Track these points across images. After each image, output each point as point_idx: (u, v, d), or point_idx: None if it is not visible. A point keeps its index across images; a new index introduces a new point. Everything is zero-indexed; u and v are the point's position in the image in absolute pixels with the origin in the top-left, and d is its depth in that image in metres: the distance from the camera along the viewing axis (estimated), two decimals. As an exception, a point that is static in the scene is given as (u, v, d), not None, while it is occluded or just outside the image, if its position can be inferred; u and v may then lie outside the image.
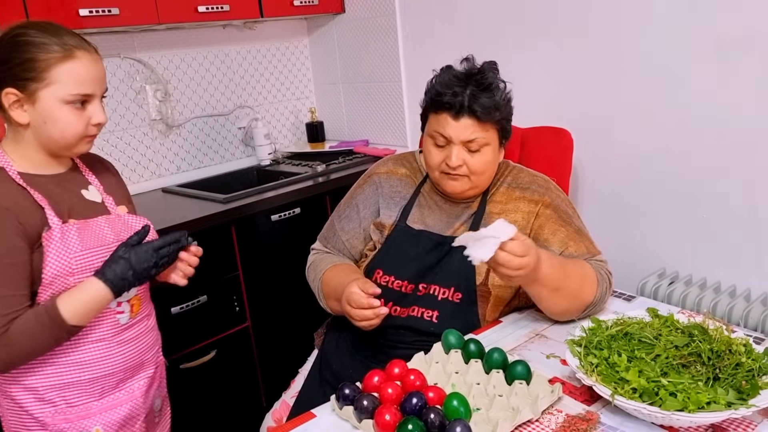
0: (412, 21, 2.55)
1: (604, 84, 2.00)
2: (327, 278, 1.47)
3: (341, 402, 1.10)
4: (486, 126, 1.35)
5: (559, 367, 1.21)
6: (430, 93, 1.39)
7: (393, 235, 1.46)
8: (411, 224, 1.45)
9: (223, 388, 2.23)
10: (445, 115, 1.35)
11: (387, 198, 1.50)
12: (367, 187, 1.55)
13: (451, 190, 1.40)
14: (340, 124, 3.03)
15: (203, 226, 2.08)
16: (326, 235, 1.60)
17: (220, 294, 2.18)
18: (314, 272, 1.53)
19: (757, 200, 1.74)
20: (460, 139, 1.34)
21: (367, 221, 1.52)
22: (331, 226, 1.59)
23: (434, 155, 1.39)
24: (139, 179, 2.55)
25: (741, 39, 1.68)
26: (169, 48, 2.57)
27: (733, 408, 0.95)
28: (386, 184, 1.52)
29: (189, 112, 2.67)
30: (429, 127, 1.40)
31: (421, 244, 1.43)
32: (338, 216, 1.58)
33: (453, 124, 1.34)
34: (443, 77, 1.38)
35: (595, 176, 2.10)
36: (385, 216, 1.49)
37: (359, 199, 1.55)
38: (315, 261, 1.56)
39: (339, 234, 1.55)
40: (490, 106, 1.34)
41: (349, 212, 1.55)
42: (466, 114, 1.33)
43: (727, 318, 1.71)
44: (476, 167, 1.37)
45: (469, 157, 1.36)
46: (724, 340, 1.07)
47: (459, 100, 1.32)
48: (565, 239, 1.40)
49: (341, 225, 1.56)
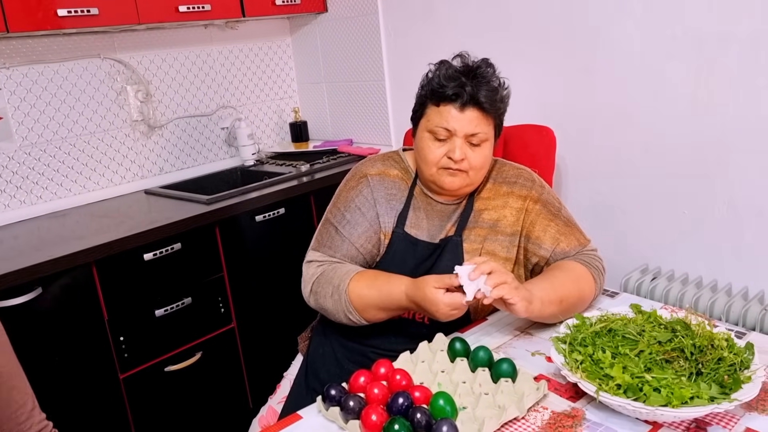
0: (394, 20, 2.55)
1: (586, 82, 2.01)
2: (359, 291, 1.33)
3: (327, 403, 1.10)
4: (488, 120, 1.35)
5: (544, 365, 1.21)
6: (431, 85, 1.36)
7: (393, 243, 1.42)
8: (408, 230, 1.42)
9: (209, 390, 2.22)
10: (450, 107, 1.33)
11: (383, 202, 1.44)
12: (363, 188, 1.46)
13: (449, 186, 1.37)
14: (324, 123, 3.02)
15: (187, 227, 2.06)
16: (329, 244, 1.44)
17: (205, 295, 2.17)
18: (330, 286, 1.36)
19: (736, 196, 1.76)
20: (464, 132, 1.33)
21: (375, 222, 1.43)
22: (333, 234, 1.44)
23: (434, 150, 1.36)
24: (121, 181, 2.52)
25: (717, 37, 1.70)
26: (150, 48, 2.55)
27: (716, 402, 0.96)
28: (380, 186, 1.46)
29: (171, 113, 2.65)
30: (428, 122, 1.37)
31: (419, 254, 1.41)
32: (339, 222, 1.44)
33: (458, 116, 1.33)
34: (445, 70, 1.36)
35: (578, 174, 2.11)
36: (383, 221, 1.44)
37: (358, 201, 1.45)
38: (325, 273, 1.39)
39: (348, 240, 1.42)
40: (495, 99, 1.34)
41: (352, 216, 1.43)
42: (472, 105, 1.32)
43: (708, 313, 1.73)
44: (476, 162, 1.36)
45: (470, 151, 1.35)
46: (707, 335, 1.08)
47: (468, 90, 1.31)
48: (556, 234, 1.40)
49: (348, 231, 1.43)
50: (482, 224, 1.42)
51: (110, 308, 1.94)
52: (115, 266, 1.93)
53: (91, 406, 1.93)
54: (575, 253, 1.40)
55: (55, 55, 2.30)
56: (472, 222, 1.42)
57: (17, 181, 2.26)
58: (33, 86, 2.26)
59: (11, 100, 2.22)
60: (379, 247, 1.43)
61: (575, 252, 1.40)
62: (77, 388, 1.89)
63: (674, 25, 1.78)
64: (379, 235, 1.43)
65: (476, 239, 1.41)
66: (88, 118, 2.40)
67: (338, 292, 1.34)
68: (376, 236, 1.43)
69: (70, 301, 1.86)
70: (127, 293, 1.97)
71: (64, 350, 1.85)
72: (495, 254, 1.40)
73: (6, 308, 1.72)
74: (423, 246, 1.41)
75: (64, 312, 1.84)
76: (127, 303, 1.98)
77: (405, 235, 1.42)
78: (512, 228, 1.41)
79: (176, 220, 2.04)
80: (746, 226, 1.77)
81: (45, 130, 2.30)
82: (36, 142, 2.29)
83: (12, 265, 1.74)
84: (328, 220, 1.47)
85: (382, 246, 1.43)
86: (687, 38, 1.76)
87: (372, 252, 1.43)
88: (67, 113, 2.35)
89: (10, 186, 2.24)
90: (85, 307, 1.89)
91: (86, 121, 2.40)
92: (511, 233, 1.41)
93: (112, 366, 1.96)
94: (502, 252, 1.41)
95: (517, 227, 1.41)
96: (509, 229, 1.41)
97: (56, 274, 1.80)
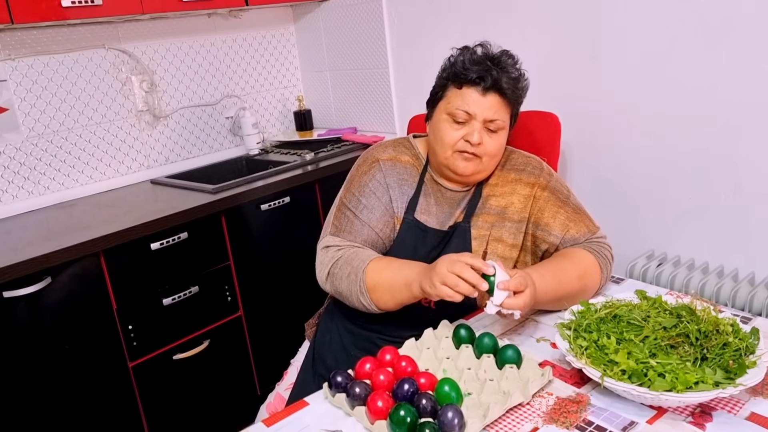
0: (397, 6, 2.54)
1: (591, 68, 2.00)
2: (376, 271, 1.31)
3: (334, 389, 1.11)
4: (508, 107, 1.37)
5: (549, 351, 1.22)
6: (454, 68, 1.38)
7: (403, 230, 1.43)
8: (418, 216, 1.43)
9: (217, 378, 2.24)
10: (472, 90, 1.35)
11: (395, 187, 1.44)
12: (376, 173, 1.45)
13: (462, 170, 1.38)
14: (328, 111, 3.02)
15: (193, 216, 2.07)
16: (348, 229, 1.42)
17: (211, 284, 2.18)
18: (348, 267, 1.34)
19: (742, 181, 1.75)
20: (484, 116, 1.34)
21: (389, 206, 1.43)
22: (351, 219, 1.43)
23: (451, 133, 1.37)
24: (127, 171, 2.53)
25: (724, 21, 1.69)
26: (153, 38, 2.55)
27: (720, 387, 0.96)
28: (392, 171, 1.45)
29: (176, 103, 2.65)
30: (448, 104, 1.37)
31: (428, 242, 1.42)
32: (356, 207, 1.43)
33: (479, 99, 1.34)
34: (469, 55, 1.37)
35: (583, 160, 2.11)
36: (395, 206, 1.44)
37: (372, 186, 1.44)
38: (345, 256, 1.36)
39: (367, 225, 1.41)
40: (517, 87, 1.37)
41: (368, 201, 1.42)
42: (494, 90, 1.34)
43: (714, 298, 1.73)
44: (492, 149, 1.37)
45: (487, 137, 1.36)
46: (712, 320, 1.08)
47: (493, 74, 1.33)
48: (565, 221, 1.41)
49: (366, 216, 1.42)
50: (490, 210, 1.42)
51: (119, 297, 1.95)
52: (122, 256, 1.94)
53: (100, 393, 1.95)
54: (584, 240, 1.41)
55: (60, 46, 2.31)
56: (480, 208, 1.42)
57: (25, 172, 2.27)
58: (38, 77, 2.27)
59: (17, 92, 2.23)
60: (394, 231, 1.44)
61: (584, 239, 1.41)
62: (87, 376, 1.91)
63: (680, 10, 1.76)
64: (393, 219, 1.44)
65: (484, 225, 1.41)
66: (93, 108, 2.41)
67: (355, 272, 1.32)
68: (392, 220, 1.43)
69: (79, 291, 1.87)
70: (135, 282, 1.99)
71: (73, 339, 1.87)
72: (502, 240, 1.41)
73: (16, 297, 1.73)
74: (432, 233, 1.42)
75: (73, 301, 1.86)
76: (135, 292, 1.99)
77: (415, 221, 1.42)
78: (519, 215, 1.42)
79: (182, 209, 2.05)
80: (752, 212, 1.76)
81: (51, 121, 2.31)
82: (42, 133, 2.30)
83: (21, 255, 1.75)
84: (344, 205, 1.45)
85: (394, 231, 1.44)
86: (692, 23, 1.75)
87: (390, 236, 1.44)
88: (72, 104, 2.36)
89: (18, 177, 2.26)
90: (94, 296, 1.91)
91: (92, 112, 2.41)
92: (519, 220, 1.42)
93: (121, 354, 1.98)
94: (509, 238, 1.41)
95: (524, 214, 1.42)
96: (517, 216, 1.42)
97: (64, 264, 1.81)
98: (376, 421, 1.00)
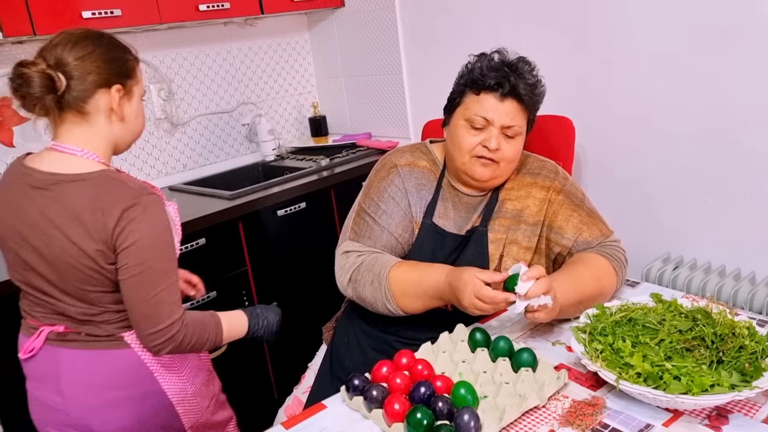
0: (411, 13, 2.55)
1: (605, 71, 2.00)
2: (399, 277, 1.33)
3: (351, 392, 1.12)
4: (524, 114, 1.39)
5: (564, 354, 1.22)
6: (472, 75, 1.39)
7: (422, 234, 1.44)
8: (436, 221, 1.44)
9: (234, 382, 2.26)
10: (490, 96, 1.37)
11: (413, 191, 1.46)
12: (395, 178, 1.47)
13: (480, 175, 1.39)
14: (343, 117, 3.04)
15: (211, 222, 2.10)
16: (368, 235, 1.43)
17: (229, 289, 2.20)
18: (370, 274, 1.36)
19: (759, 183, 1.75)
20: (501, 122, 1.36)
21: (408, 211, 1.45)
22: (371, 225, 1.44)
23: (469, 138, 1.38)
24: (146, 178, 2.57)
25: (738, 22, 1.68)
26: (171, 47, 2.59)
27: (736, 390, 0.96)
28: (410, 176, 1.47)
29: (193, 110, 2.69)
30: (466, 110, 1.39)
31: (447, 246, 1.43)
32: (375, 212, 1.45)
33: (497, 105, 1.36)
34: (487, 62, 1.39)
35: (598, 163, 2.11)
36: (414, 211, 1.45)
37: (391, 191, 1.45)
38: (366, 262, 1.38)
39: (387, 230, 1.43)
40: (534, 93, 1.39)
41: (387, 206, 1.44)
42: (512, 96, 1.36)
43: (732, 301, 1.72)
44: (509, 154, 1.39)
45: (505, 143, 1.38)
46: (728, 323, 1.08)
47: (510, 80, 1.35)
48: (578, 224, 1.41)
49: (386, 221, 1.43)
50: (506, 214, 1.44)
51: (138, 303, 1.98)
52: (142, 262, 1.97)
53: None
54: (597, 244, 1.41)
55: (80, 56, 2.34)
56: (497, 212, 1.44)
57: (46, 180, 2.31)
58: (59, 87, 2.31)
59: (39, 101, 2.27)
60: (413, 235, 1.45)
61: (597, 242, 1.41)
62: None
63: (693, 12, 1.76)
64: (412, 224, 1.45)
65: (500, 229, 1.43)
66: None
67: (378, 279, 1.34)
68: (411, 225, 1.45)
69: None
70: (154, 288, 2.01)
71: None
72: (517, 243, 1.42)
73: None
74: (450, 238, 1.43)
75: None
76: (155, 297, 2.02)
77: (434, 226, 1.44)
78: (535, 218, 1.43)
79: (200, 215, 2.08)
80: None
81: (71, 130, 2.35)
82: (63, 141, 2.33)
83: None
84: (363, 210, 1.47)
85: (413, 236, 1.45)
86: (706, 24, 1.74)
87: (409, 241, 1.45)
88: (92, 113, 2.39)
89: (39, 185, 2.29)
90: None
91: (111, 120, 2.45)
92: (534, 223, 1.43)
93: (141, 359, 2.01)
94: (524, 241, 1.42)
95: (539, 217, 1.43)
96: (532, 219, 1.43)
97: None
98: (393, 423, 1.02)
